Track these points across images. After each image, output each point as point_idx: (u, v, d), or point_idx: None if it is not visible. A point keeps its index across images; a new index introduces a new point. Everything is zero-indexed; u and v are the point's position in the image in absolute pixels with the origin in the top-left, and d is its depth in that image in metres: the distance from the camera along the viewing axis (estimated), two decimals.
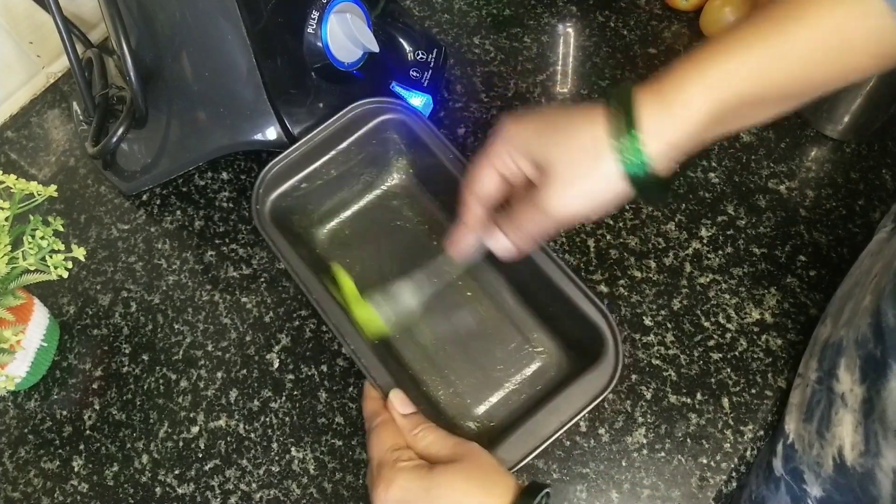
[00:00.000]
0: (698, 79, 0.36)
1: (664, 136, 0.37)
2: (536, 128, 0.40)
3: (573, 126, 0.39)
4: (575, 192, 0.39)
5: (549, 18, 0.72)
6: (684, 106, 0.36)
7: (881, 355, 0.40)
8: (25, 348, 0.54)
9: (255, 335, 0.58)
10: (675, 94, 0.36)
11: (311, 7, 0.56)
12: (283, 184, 0.55)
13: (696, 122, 0.36)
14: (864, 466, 0.41)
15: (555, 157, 0.39)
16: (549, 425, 0.45)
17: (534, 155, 0.40)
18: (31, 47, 0.71)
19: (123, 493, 0.53)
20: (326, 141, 0.55)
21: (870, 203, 0.59)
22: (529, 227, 0.41)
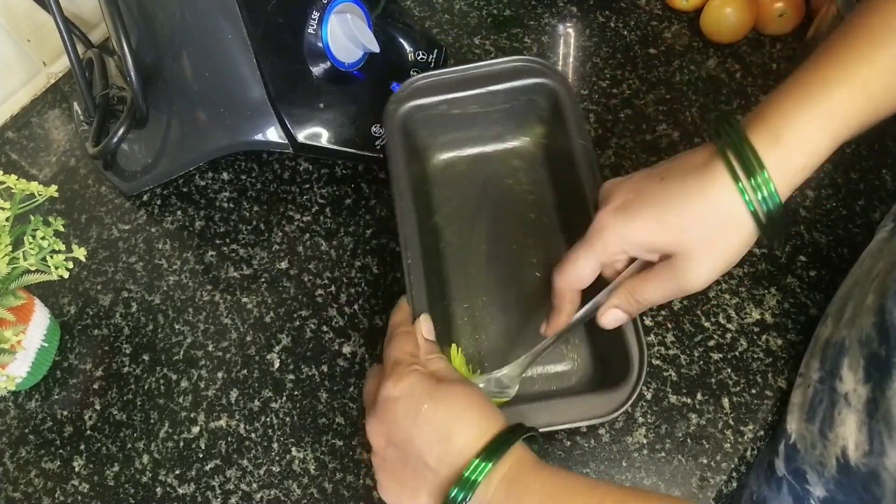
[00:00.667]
0: (811, 113, 0.34)
1: (786, 179, 0.35)
2: (652, 220, 0.37)
3: (694, 201, 0.36)
4: (718, 268, 0.37)
5: (550, 19, 0.72)
6: (802, 142, 0.35)
7: (886, 355, 0.39)
8: (26, 348, 0.54)
9: (256, 335, 0.58)
10: (790, 131, 0.35)
11: (312, 7, 0.56)
12: (425, 97, 0.56)
13: (816, 157, 0.35)
14: (867, 466, 0.41)
15: (690, 243, 0.37)
16: (538, 418, 0.45)
17: (658, 248, 0.38)
18: (32, 48, 0.71)
19: (124, 494, 0.53)
20: (480, 78, 0.56)
21: (870, 203, 0.59)
22: (655, 300, 0.40)
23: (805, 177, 0.36)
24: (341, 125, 0.59)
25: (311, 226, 0.63)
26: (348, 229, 0.62)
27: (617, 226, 0.39)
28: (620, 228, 0.39)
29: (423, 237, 0.52)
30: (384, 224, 0.62)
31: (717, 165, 0.36)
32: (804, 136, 0.35)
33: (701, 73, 0.67)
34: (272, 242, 0.62)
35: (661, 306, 0.56)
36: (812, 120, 0.35)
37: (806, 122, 0.35)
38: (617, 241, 0.39)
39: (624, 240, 0.39)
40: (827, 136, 0.35)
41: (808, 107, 0.35)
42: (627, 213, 0.39)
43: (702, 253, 0.37)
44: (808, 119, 0.35)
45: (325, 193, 0.64)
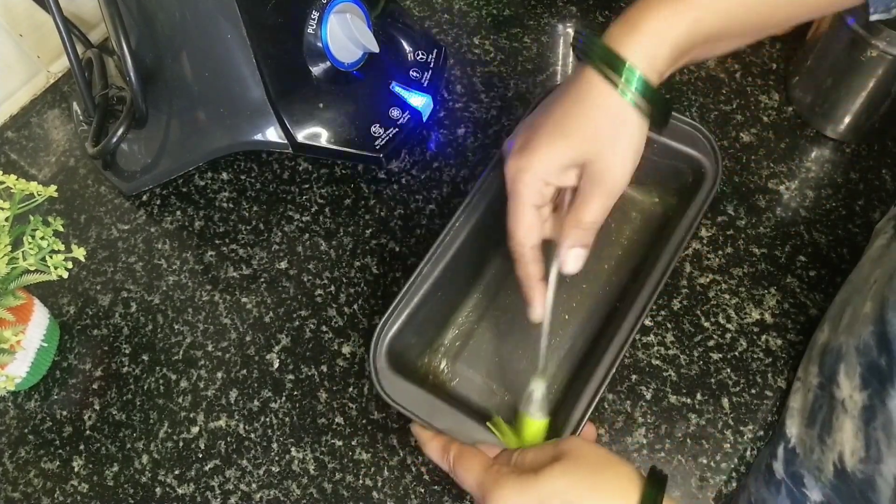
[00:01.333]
0: (669, 10, 0.38)
1: (646, 57, 0.38)
2: (554, 143, 0.40)
3: (583, 112, 0.39)
4: (628, 157, 0.40)
5: (549, 19, 0.72)
6: (658, 28, 0.38)
7: (887, 365, 0.39)
8: (25, 348, 0.54)
9: (255, 335, 0.58)
10: (644, 20, 0.38)
11: (311, 7, 0.56)
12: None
13: (673, 44, 0.38)
14: (864, 473, 0.41)
15: (594, 148, 0.39)
16: None
17: (569, 163, 0.40)
18: (31, 47, 0.71)
19: (123, 494, 0.53)
20: None
21: (870, 203, 0.59)
22: (599, 216, 0.41)
23: (673, 61, 0.39)
24: (341, 125, 0.59)
25: (311, 226, 0.63)
26: (348, 229, 0.62)
27: (524, 163, 0.41)
28: (530, 163, 0.41)
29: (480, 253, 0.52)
30: (384, 224, 0.62)
31: (587, 73, 0.39)
32: (659, 22, 0.38)
33: (701, 73, 0.67)
34: (272, 242, 0.62)
35: (660, 306, 0.56)
36: (665, 8, 0.38)
37: (658, 9, 0.38)
38: (532, 175, 0.41)
39: (538, 171, 0.41)
40: (682, 20, 0.38)
41: (661, 11, 0.38)
42: (528, 149, 0.41)
43: (607, 148, 0.39)
44: (660, 7, 0.38)
45: (324, 193, 0.64)
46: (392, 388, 0.47)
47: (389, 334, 0.49)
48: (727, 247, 0.58)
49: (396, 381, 0.47)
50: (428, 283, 0.50)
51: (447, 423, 0.45)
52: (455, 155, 0.65)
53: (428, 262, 0.50)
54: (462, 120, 0.66)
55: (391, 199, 0.63)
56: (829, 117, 0.61)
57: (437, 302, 0.52)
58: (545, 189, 0.42)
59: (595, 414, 0.52)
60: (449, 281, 0.52)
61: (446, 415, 0.45)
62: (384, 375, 0.47)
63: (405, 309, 0.49)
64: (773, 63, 0.67)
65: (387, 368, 0.47)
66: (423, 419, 0.45)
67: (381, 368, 0.48)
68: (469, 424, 0.45)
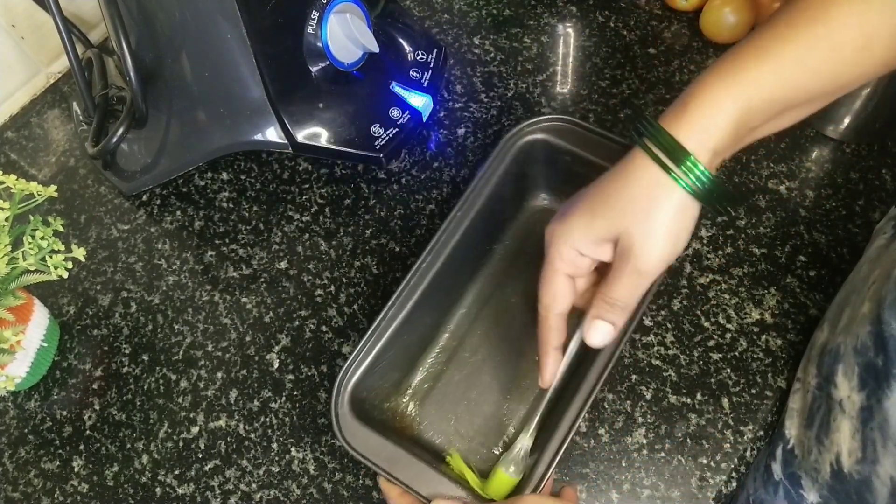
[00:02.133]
0: (724, 89, 0.36)
1: (702, 144, 0.37)
2: (589, 214, 0.40)
3: (622, 188, 0.39)
4: (662, 239, 0.38)
5: (549, 19, 0.72)
6: (712, 114, 0.36)
7: (883, 365, 0.39)
8: (25, 348, 0.54)
9: (255, 335, 0.58)
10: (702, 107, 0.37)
11: (311, 7, 0.56)
12: (557, 138, 0.51)
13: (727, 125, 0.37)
14: (860, 474, 0.41)
15: (625, 223, 0.38)
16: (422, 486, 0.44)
17: (603, 236, 0.40)
18: (31, 47, 0.71)
19: (123, 494, 0.53)
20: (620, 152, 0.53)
21: (870, 203, 0.59)
22: (629, 298, 0.40)
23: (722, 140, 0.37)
24: (341, 125, 0.59)
25: (311, 226, 0.63)
26: (348, 229, 0.62)
27: (560, 231, 0.41)
28: (564, 231, 0.41)
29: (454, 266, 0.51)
30: (384, 224, 0.62)
31: (637, 155, 0.38)
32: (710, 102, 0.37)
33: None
34: (271, 242, 0.62)
35: (660, 306, 0.56)
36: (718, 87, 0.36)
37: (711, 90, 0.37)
38: (565, 243, 0.41)
39: (570, 239, 0.41)
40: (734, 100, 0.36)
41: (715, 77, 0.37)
42: (566, 217, 0.41)
43: (640, 226, 0.38)
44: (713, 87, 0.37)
45: (324, 193, 0.64)
46: (353, 436, 0.46)
47: (353, 379, 0.48)
48: (727, 247, 0.58)
49: (358, 429, 0.46)
50: (394, 325, 0.49)
51: (409, 472, 0.44)
52: (455, 155, 0.65)
53: (393, 305, 0.49)
54: (462, 120, 0.66)
55: (391, 199, 0.63)
56: (830, 117, 0.61)
57: (404, 344, 0.51)
58: (579, 259, 0.41)
59: (595, 413, 0.52)
60: (416, 322, 0.51)
61: (408, 465, 0.45)
62: (345, 423, 0.46)
63: (370, 353, 0.48)
64: None
65: (349, 415, 0.46)
66: (384, 469, 0.44)
67: (342, 415, 0.46)
68: (430, 475, 0.44)
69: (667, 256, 0.39)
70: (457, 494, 0.43)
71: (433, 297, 0.51)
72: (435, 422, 0.53)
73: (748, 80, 0.36)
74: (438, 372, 0.54)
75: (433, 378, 0.54)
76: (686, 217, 0.38)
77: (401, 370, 0.53)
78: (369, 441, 0.45)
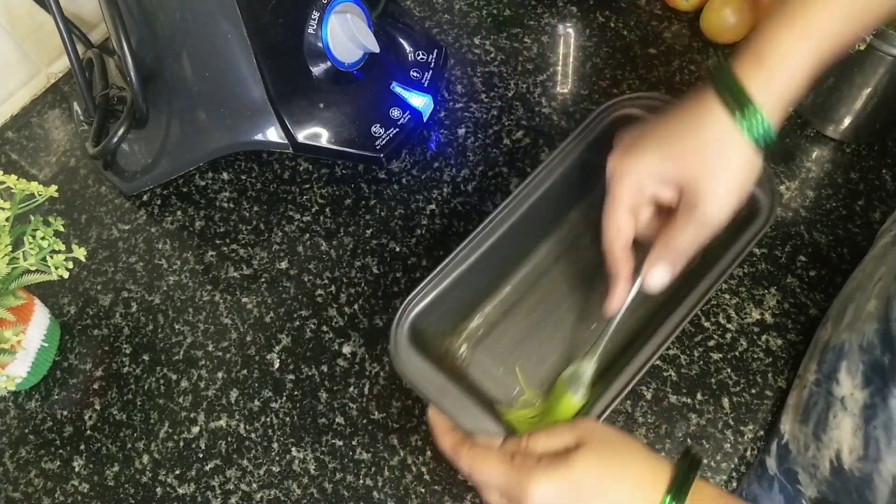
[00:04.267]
0: (796, 43, 0.37)
1: (775, 97, 0.38)
2: (657, 153, 0.40)
3: (693, 132, 0.39)
4: (728, 191, 0.39)
5: (550, 19, 0.72)
6: (788, 69, 0.37)
7: (890, 363, 0.39)
8: (26, 348, 0.54)
9: (256, 335, 0.58)
10: (777, 60, 0.37)
11: (312, 7, 0.56)
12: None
13: (801, 80, 0.38)
14: (862, 471, 0.41)
15: (694, 169, 0.39)
16: None
17: (669, 179, 0.40)
18: (31, 47, 0.71)
19: (124, 494, 0.53)
20: None
21: (870, 203, 0.59)
22: (689, 245, 0.41)
23: (793, 93, 0.38)
24: (341, 125, 0.59)
25: (311, 226, 0.63)
26: (348, 229, 0.62)
27: (626, 165, 0.41)
28: (629, 166, 0.41)
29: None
30: (384, 224, 0.62)
31: (710, 100, 0.39)
32: (784, 53, 0.37)
33: (701, 74, 0.67)
34: (272, 242, 0.62)
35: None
36: (791, 37, 0.37)
37: (785, 40, 0.37)
38: (630, 178, 0.41)
39: (635, 175, 0.41)
40: (807, 51, 0.37)
41: (787, 25, 0.37)
42: (633, 151, 0.41)
43: (709, 177, 0.39)
44: (786, 37, 0.37)
45: (324, 193, 0.64)
46: (407, 363, 0.47)
47: (416, 311, 0.48)
48: None
49: (413, 357, 0.47)
50: (462, 267, 0.50)
51: (456, 405, 0.45)
52: (455, 155, 0.65)
53: (465, 248, 0.50)
54: (462, 120, 0.67)
55: (392, 199, 0.63)
56: (830, 117, 0.61)
57: (468, 288, 0.52)
58: (641, 194, 0.42)
59: None
60: (483, 269, 0.51)
61: (456, 399, 0.45)
62: (403, 349, 0.47)
63: (435, 289, 0.49)
64: None
65: (406, 343, 0.47)
66: (432, 397, 0.45)
67: (400, 342, 0.47)
68: (475, 411, 0.45)
69: (731, 209, 0.39)
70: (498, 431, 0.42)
71: (503, 249, 0.52)
72: (483, 368, 0.54)
73: (820, 31, 0.37)
74: (495, 321, 0.55)
75: (489, 326, 0.55)
76: (752, 170, 0.39)
77: (460, 313, 0.54)
78: (422, 370, 0.46)
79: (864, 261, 0.50)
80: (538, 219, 0.54)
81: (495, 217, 0.51)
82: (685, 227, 0.40)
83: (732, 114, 0.38)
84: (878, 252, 0.49)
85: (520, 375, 0.50)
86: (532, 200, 0.52)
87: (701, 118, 0.39)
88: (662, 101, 0.54)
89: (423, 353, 0.47)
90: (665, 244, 0.42)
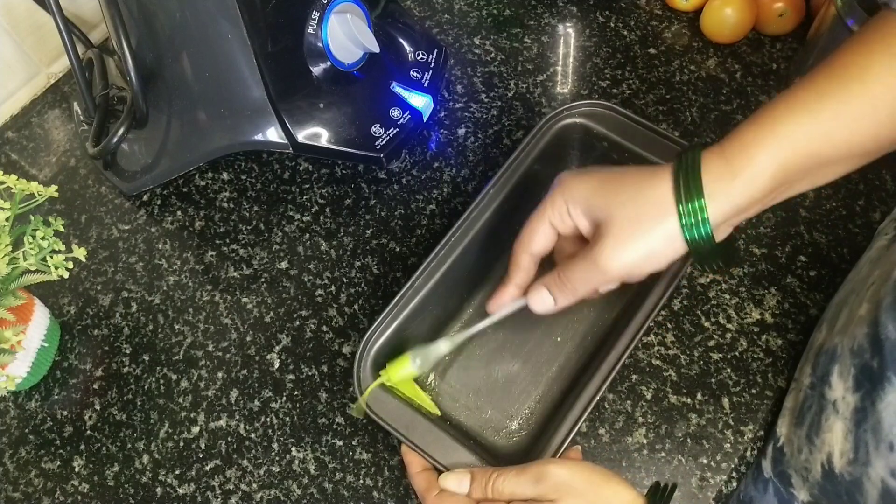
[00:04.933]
0: (762, 141, 0.36)
1: (729, 200, 0.37)
2: (598, 183, 0.40)
3: (637, 185, 0.39)
4: (633, 248, 0.38)
5: (550, 19, 0.72)
6: (749, 168, 0.36)
7: (878, 367, 0.39)
8: (26, 348, 0.54)
9: (256, 335, 0.58)
10: (741, 156, 0.36)
11: (312, 7, 0.56)
12: (598, 124, 0.51)
13: (761, 185, 0.36)
14: (852, 475, 0.41)
15: (615, 213, 0.38)
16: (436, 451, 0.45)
17: (593, 210, 0.40)
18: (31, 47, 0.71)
19: (124, 494, 0.53)
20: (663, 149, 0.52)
21: (870, 203, 0.59)
22: (579, 284, 0.41)
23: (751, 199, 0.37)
24: (341, 125, 0.59)
25: (311, 226, 0.63)
26: (348, 229, 0.62)
27: (566, 183, 0.41)
28: (568, 184, 0.41)
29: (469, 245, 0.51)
30: (384, 224, 0.62)
31: (667, 174, 0.38)
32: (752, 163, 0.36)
33: (701, 73, 0.67)
34: (272, 242, 0.62)
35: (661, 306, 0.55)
36: (761, 147, 0.36)
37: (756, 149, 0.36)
38: (563, 196, 0.41)
39: (568, 194, 0.41)
40: (774, 163, 0.36)
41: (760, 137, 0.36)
42: (580, 175, 0.41)
43: (622, 227, 0.38)
44: (758, 146, 0.36)
45: (324, 193, 0.64)
46: (373, 401, 0.46)
47: (376, 345, 0.48)
48: None
49: (379, 393, 0.46)
50: (420, 295, 0.49)
51: (427, 439, 0.45)
52: (455, 155, 0.65)
53: (420, 276, 0.50)
54: (462, 120, 0.67)
55: (391, 199, 0.63)
56: None
57: (428, 316, 0.51)
58: (566, 217, 0.42)
59: (595, 413, 0.52)
60: (441, 295, 0.51)
61: (426, 431, 0.45)
62: (366, 385, 0.47)
63: (393, 322, 0.49)
64: (773, 63, 0.67)
65: (370, 380, 0.47)
66: (402, 434, 0.45)
67: (364, 381, 0.47)
68: (447, 442, 0.45)
69: (629, 268, 0.39)
70: (472, 462, 0.44)
71: (460, 272, 0.52)
72: (453, 396, 0.53)
73: (784, 135, 0.36)
74: (460, 346, 0.54)
75: (454, 351, 0.54)
76: (669, 249, 0.38)
77: (423, 341, 0.53)
78: (389, 406, 0.46)
79: (860, 264, 0.50)
80: (492, 236, 0.53)
81: (448, 241, 0.51)
82: (580, 263, 0.40)
83: (678, 199, 0.37)
84: (873, 255, 0.49)
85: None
86: (484, 219, 0.52)
87: (651, 180, 0.38)
88: (605, 109, 0.54)
89: (386, 389, 0.47)
90: (558, 273, 0.42)
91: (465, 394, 0.53)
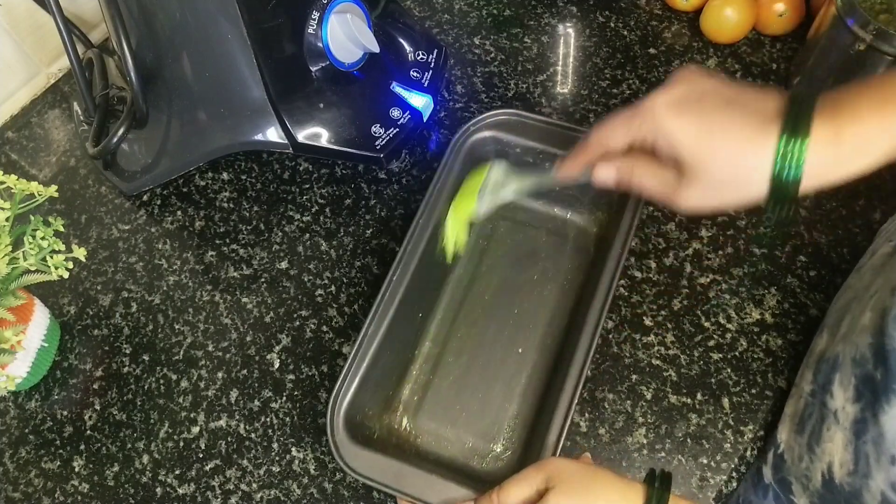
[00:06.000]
0: (879, 124, 0.35)
1: (825, 165, 0.36)
2: (694, 126, 0.38)
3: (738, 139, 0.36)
4: (712, 195, 0.37)
5: (550, 19, 0.72)
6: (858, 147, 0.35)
7: (882, 378, 0.39)
8: (26, 348, 0.54)
9: (256, 335, 0.58)
10: (853, 132, 0.35)
11: (312, 7, 0.56)
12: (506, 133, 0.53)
13: (864, 166, 0.36)
14: (851, 486, 0.41)
15: (705, 160, 0.37)
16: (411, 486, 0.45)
17: (681, 152, 0.38)
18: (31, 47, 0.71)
19: (124, 494, 0.53)
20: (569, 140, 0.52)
21: (870, 203, 0.59)
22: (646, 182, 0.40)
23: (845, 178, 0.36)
24: (341, 125, 0.59)
25: (311, 226, 0.63)
26: (348, 229, 0.62)
27: (662, 113, 0.39)
28: (663, 117, 0.39)
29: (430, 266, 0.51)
30: (384, 224, 0.62)
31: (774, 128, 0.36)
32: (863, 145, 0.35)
33: None
34: (272, 242, 0.62)
35: (661, 306, 0.56)
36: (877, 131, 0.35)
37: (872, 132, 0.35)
38: (653, 125, 0.39)
39: (660, 128, 0.39)
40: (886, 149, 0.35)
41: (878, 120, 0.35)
42: (678, 109, 0.38)
43: (708, 184, 0.37)
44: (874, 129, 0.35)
45: (324, 193, 0.64)
46: (355, 459, 0.46)
47: (345, 404, 0.48)
48: (727, 247, 0.58)
49: (359, 452, 0.46)
50: (374, 343, 0.49)
51: (417, 485, 0.44)
52: None
53: (371, 323, 0.50)
54: (462, 120, 0.66)
55: (392, 199, 0.63)
56: None
57: (388, 360, 0.51)
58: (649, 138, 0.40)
59: (595, 414, 0.52)
60: (395, 337, 0.51)
61: (415, 477, 0.45)
62: (345, 449, 0.46)
63: (356, 375, 0.48)
64: (773, 63, 0.67)
65: (347, 440, 0.46)
66: (392, 487, 0.44)
67: (340, 442, 0.46)
68: (438, 484, 0.45)
69: (702, 209, 0.38)
70: (467, 500, 0.44)
71: (408, 309, 0.52)
72: (431, 434, 0.53)
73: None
74: (426, 382, 0.54)
75: (422, 389, 0.54)
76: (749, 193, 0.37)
77: (389, 387, 0.53)
78: (372, 462, 0.45)
79: (862, 269, 0.50)
80: (431, 267, 0.54)
81: (390, 281, 0.51)
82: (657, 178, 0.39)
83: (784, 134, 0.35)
84: (877, 262, 0.48)
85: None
86: (420, 251, 0.52)
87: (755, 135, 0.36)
88: (514, 116, 0.55)
89: (366, 445, 0.46)
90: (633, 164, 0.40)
91: (443, 428, 0.53)
